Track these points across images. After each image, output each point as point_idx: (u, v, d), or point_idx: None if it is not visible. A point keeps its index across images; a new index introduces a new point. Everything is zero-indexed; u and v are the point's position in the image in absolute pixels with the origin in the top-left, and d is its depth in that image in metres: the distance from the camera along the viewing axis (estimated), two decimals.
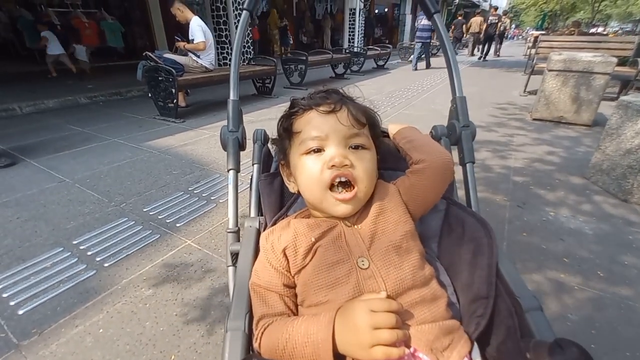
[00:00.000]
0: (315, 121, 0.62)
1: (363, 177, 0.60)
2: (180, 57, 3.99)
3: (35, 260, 1.50)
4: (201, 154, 2.80)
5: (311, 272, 0.57)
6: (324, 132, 0.61)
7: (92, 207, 1.94)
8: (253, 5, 0.89)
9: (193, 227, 1.77)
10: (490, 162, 2.65)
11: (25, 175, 2.37)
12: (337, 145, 0.60)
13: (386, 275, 0.55)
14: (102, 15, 8.36)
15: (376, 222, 0.61)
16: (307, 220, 0.64)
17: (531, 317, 0.49)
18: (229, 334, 0.49)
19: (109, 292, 1.34)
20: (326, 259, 0.57)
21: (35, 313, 1.24)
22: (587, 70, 3.40)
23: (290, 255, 0.58)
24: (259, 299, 0.55)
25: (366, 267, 0.56)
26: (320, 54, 6.91)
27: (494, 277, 0.55)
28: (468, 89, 5.96)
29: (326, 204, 0.60)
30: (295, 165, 0.65)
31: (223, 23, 6.74)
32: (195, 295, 1.32)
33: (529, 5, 19.91)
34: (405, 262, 0.57)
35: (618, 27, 27.68)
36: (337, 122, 0.61)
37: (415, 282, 0.56)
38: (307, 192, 0.63)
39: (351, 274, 0.55)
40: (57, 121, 3.81)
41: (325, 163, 0.59)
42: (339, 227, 0.61)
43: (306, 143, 0.61)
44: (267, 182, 0.75)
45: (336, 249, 0.58)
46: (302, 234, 0.60)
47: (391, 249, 0.58)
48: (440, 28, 0.87)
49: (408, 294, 0.54)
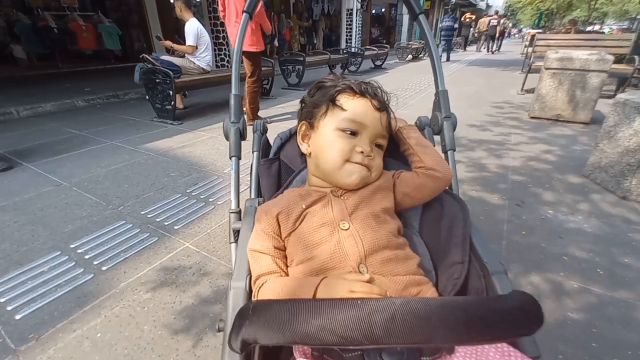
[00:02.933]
0: (364, 110, 0.70)
1: (376, 168, 0.72)
2: (178, 59, 3.98)
3: (32, 265, 1.49)
4: (199, 155, 2.79)
5: (299, 234, 0.64)
6: (367, 123, 0.69)
7: (89, 211, 1.93)
8: (252, 8, 0.94)
9: (191, 229, 1.77)
10: (487, 161, 2.65)
11: (22, 179, 2.37)
12: (370, 139, 0.70)
13: (363, 235, 0.63)
14: (100, 18, 8.35)
15: (362, 196, 0.69)
16: (299, 191, 0.73)
17: (497, 279, 0.57)
18: (232, 291, 0.57)
19: (107, 295, 1.33)
20: (313, 223, 0.65)
21: (32, 318, 1.23)
22: (584, 69, 3.41)
23: (283, 220, 0.65)
24: (255, 261, 0.62)
25: (346, 228, 0.64)
26: (318, 54, 6.91)
27: (467, 244, 0.64)
28: (466, 88, 5.98)
29: (341, 172, 0.69)
30: (326, 134, 0.71)
31: (220, 24, 6.73)
32: (194, 298, 1.31)
33: (525, 4, 19.97)
34: (382, 228, 0.65)
35: (617, 26, 27.77)
36: (379, 122, 0.71)
37: (390, 244, 0.63)
38: (327, 158, 0.70)
39: (333, 234, 0.63)
40: (55, 124, 3.80)
41: (356, 147, 0.68)
42: (327, 197, 0.69)
43: (347, 122, 0.69)
44: (266, 167, 0.83)
45: (322, 214, 0.66)
46: (294, 202, 0.68)
47: (370, 216, 0.66)
48: (425, 28, 0.94)
49: (382, 252, 0.62)
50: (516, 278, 1.41)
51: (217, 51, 6.81)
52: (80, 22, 7.88)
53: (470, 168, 2.52)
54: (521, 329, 0.40)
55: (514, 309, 0.40)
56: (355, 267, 0.59)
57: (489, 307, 0.40)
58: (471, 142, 3.12)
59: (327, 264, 0.60)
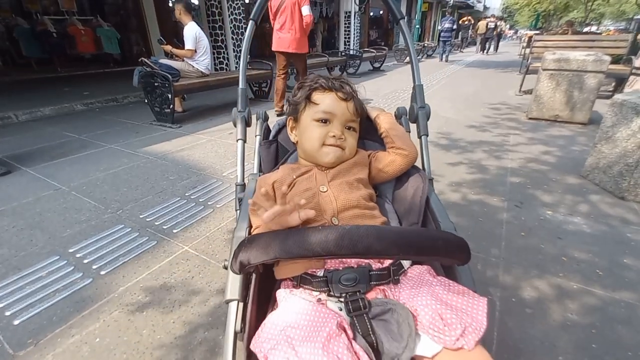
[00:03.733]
0: (332, 102, 0.85)
1: (349, 147, 0.87)
2: (176, 63, 3.99)
3: (31, 270, 1.49)
4: (198, 159, 2.79)
5: (289, 197, 0.77)
6: (335, 112, 0.85)
7: (88, 215, 1.93)
8: (258, 15, 1.07)
9: (190, 232, 1.77)
10: (486, 163, 2.66)
11: (21, 184, 2.36)
12: (341, 124, 0.85)
13: (337, 196, 0.78)
14: (99, 22, 8.37)
15: (340, 169, 0.85)
16: (291, 166, 0.91)
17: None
18: (235, 239, 0.71)
19: (106, 300, 1.32)
20: (300, 188, 0.81)
21: (31, 323, 1.22)
22: (581, 69, 3.42)
23: (277, 187, 0.78)
24: (255, 217, 0.74)
25: (325, 191, 0.80)
26: (316, 57, 6.93)
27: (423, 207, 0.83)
28: (464, 89, 6.00)
29: (320, 153, 0.85)
30: (306, 125, 0.87)
31: (219, 28, 6.75)
32: (193, 302, 1.31)
33: (523, 5, 20.06)
34: (354, 192, 0.80)
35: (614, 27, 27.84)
36: (346, 109, 0.86)
37: (359, 205, 0.78)
38: (308, 143, 0.86)
39: (315, 196, 0.78)
40: (53, 128, 3.80)
41: (329, 132, 0.84)
42: (313, 170, 0.85)
43: (319, 114, 0.85)
44: (266, 147, 1.02)
45: (308, 182, 0.82)
46: (287, 174, 0.84)
47: (345, 183, 0.82)
48: (405, 32, 1.08)
49: (352, 210, 0.77)
50: (516, 279, 1.41)
51: (215, 54, 6.83)
52: (79, 26, 7.91)
53: (471, 170, 2.52)
54: (447, 255, 0.53)
55: (439, 239, 0.54)
56: (329, 219, 0.75)
57: (418, 233, 0.56)
58: (470, 143, 3.13)
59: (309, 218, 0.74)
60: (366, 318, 0.57)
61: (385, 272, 0.64)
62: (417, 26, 13.15)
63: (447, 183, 2.30)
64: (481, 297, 0.57)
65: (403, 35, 1.10)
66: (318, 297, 0.63)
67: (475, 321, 0.53)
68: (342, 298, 0.61)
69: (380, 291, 0.63)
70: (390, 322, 0.55)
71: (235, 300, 0.62)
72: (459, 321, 0.52)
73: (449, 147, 3.04)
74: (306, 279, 0.64)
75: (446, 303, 0.56)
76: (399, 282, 0.65)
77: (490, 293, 1.34)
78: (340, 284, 0.61)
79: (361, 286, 0.61)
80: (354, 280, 0.61)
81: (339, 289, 0.61)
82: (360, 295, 0.60)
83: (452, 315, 0.53)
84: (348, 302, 0.59)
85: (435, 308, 0.55)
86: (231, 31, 6.91)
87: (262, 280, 0.70)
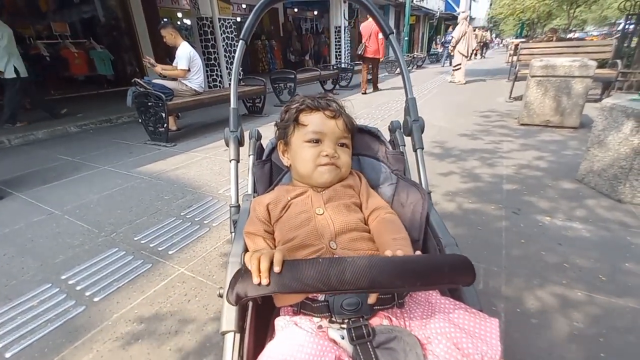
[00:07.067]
0: (320, 121, 0.84)
1: (344, 164, 0.86)
2: (169, 82, 4.01)
3: (22, 299, 1.44)
4: (193, 177, 2.77)
5: (285, 220, 0.78)
6: (325, 131, 0.83)
7: (81, 239, 1.89)
8: (247, 35, 1.06)
9: (186, 253, 1.73)
10: (480, 171, 2.66)
11: (12, 209, 2.32)
12: (332, 142, 0.84)
13: (335, 218, 0.77)
14: (92, 44, 8.43)
15: (335, 190, 0.83)
16: (286, 187, 0.88)
17: (449, 250, 0.71)
18: (230, 264, 0.69)
19: (99, 329, 1.28)
20: (295, 210, 0.79)
21: (22, 356, 1.18)
22: (568, 75, 3.49)
23: (272, 209, 0.80)
24: (250, 240, 0.75)
25: (321, 213, 0.78)
26: (308, 71, 7.02)
27: (424, 224, 0.81)
28: (455, 98, 6.09)
29: (315, 174, 0.83)
30: (297, 147, 0.85)
31: (211, 46, 6.83)
32: (189, 328, 1.27)
33: (507, 15, 20.61)
34: (351, 215, 0.79)
35: (597, 32, 28.64)
36: (336, 127, 0.84)
37: (357, 228, 0.77)
38: (302, 166, 0.84)
39: (311, 219, 0.77)
40: (46, 152, 3.77)
41: (321, 152, 0.82)
42: (308, 191, 0.83)
43: (310, 135, 0.83)
44: (260, 167, 1.00)
45: (303, 204, 0.80)
46: (282, 195, 0.83)
47: (341, 205, 0.80)
48: (395, 46, 1.10)
49: (350, 233, 0.75)
50: (519, 289, 1.39)
51: (209, 72, 6.89)
52: (72, 49, 7.95)
53: (465, 178, 2.53)
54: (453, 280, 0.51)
55: (445, 264, 0.51)
56: (327, 243, 0.72)
57: (420, 262, 0.52)
58: (463, 152, 3.14)
59: (305, 242, 0.73)
60: (370, 347, 0.54)
61: (389, 295, 0.61)
62: (405, 38, 13.41)
63: (442, 193, 2.29)
64: (492, 319, 0.55)
65: (393, 49, 1.12)
66: (319, 324, 0.60)
67: (490, 348, 0.51)
68: (344, 325, 0.58)
69: (385, 317, 0.60)
70: (397, 350, 0.52)
71: (232, 332, 0.59)
72: (475, 350, 0.50)
73: (443, 156, 3.06)
74: (307, 304, 0.62)
75: (461, 328, 0.53)
76: (404, 305, 0.62)
77: (494, 304, 1.31)
78: (342, 308, 0.58)
79: (364, 311, 0.58)
80: (357, 305, 0.57)
81: (340, 314, 0.58)
82: (363, 321, 0.57)
83: (468, 344, 0.51)
84: (351, 328, 0.56)
85: (450, 337, 0.52)
86: (224, 49, 7.00)
87: (260, 306, 0.68)
